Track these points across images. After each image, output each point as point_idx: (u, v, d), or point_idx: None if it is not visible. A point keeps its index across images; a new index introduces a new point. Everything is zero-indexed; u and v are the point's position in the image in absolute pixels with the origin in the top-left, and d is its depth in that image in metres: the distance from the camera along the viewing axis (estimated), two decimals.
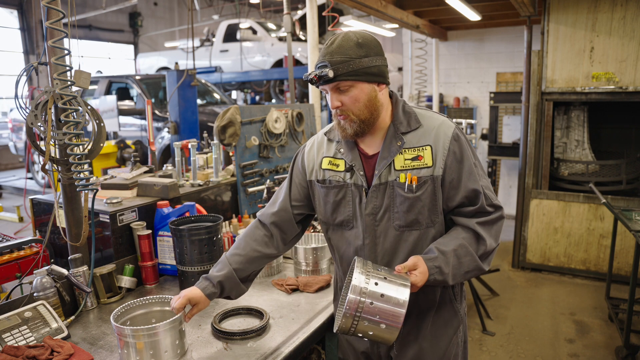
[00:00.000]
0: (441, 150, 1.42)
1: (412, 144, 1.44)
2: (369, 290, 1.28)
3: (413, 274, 1.34)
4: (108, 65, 14.76)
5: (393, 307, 1.28)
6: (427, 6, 5.86)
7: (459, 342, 1.60)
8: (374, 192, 1.45)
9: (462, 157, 1.43)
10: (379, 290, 1.29)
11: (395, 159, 1.44)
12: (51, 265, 1.79)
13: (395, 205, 1.44)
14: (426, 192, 1.42)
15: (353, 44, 1.36)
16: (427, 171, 1.42)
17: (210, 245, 1.97)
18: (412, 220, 1.44)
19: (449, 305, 1.56)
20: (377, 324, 1.29)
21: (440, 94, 7.58)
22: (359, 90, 1.38)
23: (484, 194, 1.42)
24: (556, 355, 3.30)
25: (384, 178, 1.44)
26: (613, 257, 3.80)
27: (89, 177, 1.81)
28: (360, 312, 1.28)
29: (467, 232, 1.43)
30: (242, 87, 9.94)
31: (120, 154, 5.45)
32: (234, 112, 2.83)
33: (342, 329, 1.31)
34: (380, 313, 1.28)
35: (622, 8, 4.10)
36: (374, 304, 1.28)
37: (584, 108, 4.87)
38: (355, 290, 1.28)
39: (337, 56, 1.35)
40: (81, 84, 1.80)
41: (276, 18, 13.86)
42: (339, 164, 1.52)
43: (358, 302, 1.27)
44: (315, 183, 1.58)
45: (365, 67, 1.36)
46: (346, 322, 1.30)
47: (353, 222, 1.51)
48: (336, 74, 1.34)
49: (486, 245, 1.42)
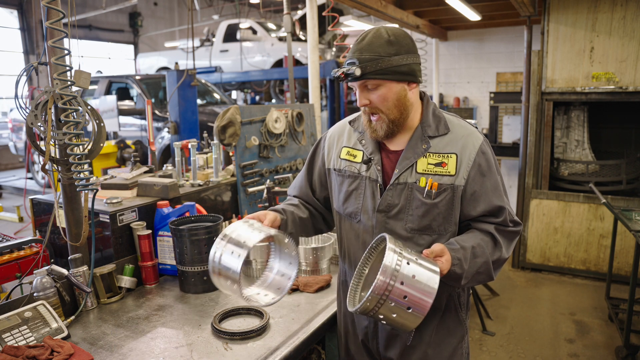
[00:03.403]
0: (466, 160, 1.39)
1: (438, 149, 1.41)
2: (401, 270, 1.20)
3: (439, 261, 1.29)
4: (108, 65, 14.76)
5: (423, 292, 1.21)
6: (427, 6, 5.87)
7: (463, 353, 1.57)
8: (390, 190, 1.43)
9: (488, 171, 1.40)
10: (411, 272, 1.21)
11: (419, 161, 1.41)
12: (51, 265, 1.79)
13: (410, 208, 1.41)
14: (444, 200, 1.39)
15: (384, 41, 1.33)
16: (449, 179, 1.39)
17: (210, 245, 1.96)
18: (425, 226, 1.42)
19: (453, 313, 1.54)
20: (404, 307, 1.21)
21: (440, 94, 7.58)
22: (387, 89, 1.35)
23: (508, 211, 1.41)
24: (556, 355, 3.30)
25: (404, 178, 1.42)
26: (613, 257, 3.80)
27: (89, 177, 1.81)
28: (389, 292, 1.19)
29: (485, 235, 1.41)
30: (242, 87, 9.93)
31: (120, 154, 5.44)
32: (234, 112, 2.83)
33: (365, 308, 1.21)
34: (410, 295, 1.20)
35: (622, 8, 4.10)
36: (404, 284, 1.19)
37: (584, 108, 4.88)
38: (388, 269, 1.19)
39: (366, 54, 1.32)
40: (81, 84, 1.80)
41: (276, 18, 13.85)
42: (357, 155, 1.51)
43: (389, 279, 1.18)
44: (332, 171, 1.58)
45: (395, 66, 1.32)
46: (372, 301, 1.20)
47: (360, 215, 1.49)
48: (363, 72, 1.32)
49: (501, 252, 1.40)
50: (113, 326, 1.71)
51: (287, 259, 1.48)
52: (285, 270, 1.48)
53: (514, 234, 1.44)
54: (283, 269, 1.48)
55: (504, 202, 1.41)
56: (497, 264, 1.41)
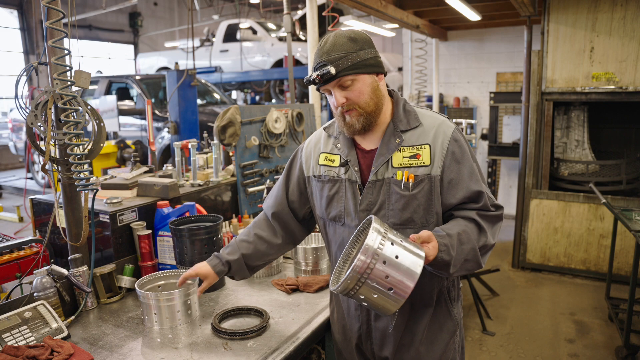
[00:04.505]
0: (439, 149, 1.41)
1: (411, 142, 1.43)
2: (383, 250, 1.18)
3: (426, 247, 1.28)
4: (108, 65, 14.76)
5: (405, 273, 1.19)
6: (427, 6, 5.86)
7: (455, 348, 1.57)
8: (369, 188, 1.45)
9: (462, 157, 1.42)
10: (394, 253, 1.19)
11: (393, 156, 1.43)
12: (51, 265, 1.79)
13: (390, 203, 1.43)
14: (422, 191, 1.41)
15: (346, 39, 1.37)
16: (425, 170, 1.41)
17: (210, 245, 1.97)
18: (407, 219, 1.43)
19: (444, 309, 1.54)
20: (385, 288, 1.19)
21: (440, 94, 7.58)
22: (362, 83, 1.38)
23: (487, 195, 1.42)
24: (556, 355, 3.30)
25: (381, 175, 1.44)
26: (613, 257, 3.81)
27: (89, 177, 1.81)
28: (370, 271, 1.17)
29: (469, 222, 1.41)
30: (242, 87, 9.93)
31: (120, 154, 5.44)
32: (234, 112, 2.83)
33: (345, 287, 1.20)
34: (391, 276, 1.18)
35: (622, 8, 4.10)
36: (386, 264, 1.18)
37: (584, 108, 4.88)
38: (370, 248, 1.17)
39: (334, 54, 1.35)
40: (81, 84, 1.80)
41: (276, 18, 13.86)
42: (335, 160, 1.53)
43: (371, 258, 1.17)
44: (312, 178, 1.59)
45: (363, 59, 1.37)
46: (352, 279, 1.18)
47: (345, 217, 1.50)
48: (338, 70, 1.34)
49: (487, 237, 1.40)
50: (113, 326, 1.71)
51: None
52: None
53: (497, 218, 1.45)
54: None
55: (482, 187, 1.42)
56: (484, 250, 1.41)
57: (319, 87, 1.41)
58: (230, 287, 2.05)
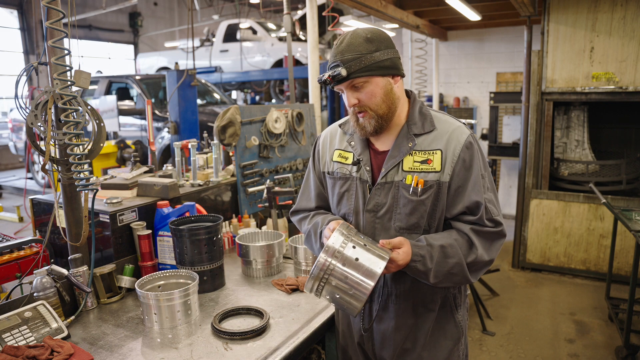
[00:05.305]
0: (451, 156, 1.39)
1: (424, 146, 1.41)
2: (344, 252, 1.27)
3: (395, 251, 1.32)
4: (108, 65, 14.76)
5: (364, 273, 1.26)
6: (427, 6, 5.87)
7: (460, 355, 1.56)
8: (378, 190, 1.44)
9: (471, 165, 1.39)
10: (354, 255, 1.27)
11: (405, 159, 1.42)
12: (51, 265, 1.79)
13: (398, 207, 1.42)
14: (430, 197, 1.39)
15: (362, 40, 1.35)
16: (435, 176, 1.39)
17: (210, 245, 1.97)
18: (413, 224, 1.42)
19: (449, 315, 1.53)
20: (345, 288, 1.27)
21: (440, 94, 7.58)
22: (374, 85, 1.37)
23: (485, 207, 1.38)
24: (556, 355, 3.30)
25: (391, 177, 1.43)
26: (613, 257, 3.80)
27: (89, 177, 1.81)
28: (330, 271, 1.26)
29: (460, 235, 1.40)
30: (242, 87, 9.92)
31: (120, 154, 5.44)
32: (234, 112, 2.83)
33: (311, 286, 1.30)
34: (350, 277, 1.26)
35: (622, 8, 4.10)
36: (345, 266, 1.26)
37: (584, 108, 4.88)
38: (330, 249, 1.27)
39: (348, 54, 1.34)
40: (81, 84, 1.80)
41: (276, 18, 13.85)
42: (348, 157, 1.53)
43: (331, 258, 1.26)
44: (326, 174, 1.59)
45: (378, 61, 1.35)
46: (315, 278, 1.28)
47: (353, 216, 1.50)
48: (349, 72, 1.34)
49: (477, 255, 1.37)
50: (113, 326, 1.71)
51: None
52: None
53: (494, 235, 1.39)
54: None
55: (481, 198, 1.38)
56: (475, 267, 1.39)
57: (333, 86, 1.40)
58: (230, 287, 2.05)
